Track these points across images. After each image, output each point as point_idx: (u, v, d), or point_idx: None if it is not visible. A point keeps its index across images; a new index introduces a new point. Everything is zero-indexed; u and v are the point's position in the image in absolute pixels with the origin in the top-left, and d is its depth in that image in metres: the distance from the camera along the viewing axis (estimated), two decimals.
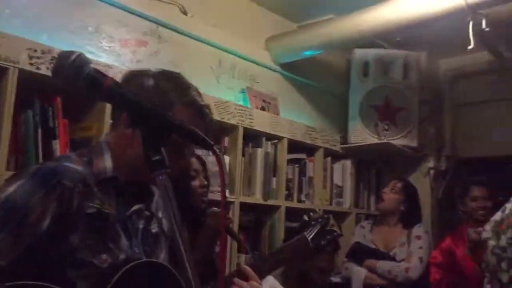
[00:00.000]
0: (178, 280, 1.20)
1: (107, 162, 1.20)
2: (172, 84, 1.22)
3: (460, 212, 3.08)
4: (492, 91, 3.81)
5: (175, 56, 2.69)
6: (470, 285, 2.73)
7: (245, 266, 1.47)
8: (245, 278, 1.41)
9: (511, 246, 1.23)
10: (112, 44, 2.45)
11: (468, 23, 2.67)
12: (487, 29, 2.64)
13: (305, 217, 1.84)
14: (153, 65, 2.41)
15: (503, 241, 1.25)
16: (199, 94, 1.27)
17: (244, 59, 3.09)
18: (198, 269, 0.93)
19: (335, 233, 1.80)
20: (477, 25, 2.69)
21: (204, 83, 2.71)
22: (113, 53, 2.44)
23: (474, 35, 2.71)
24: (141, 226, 1.25)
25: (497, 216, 1.34)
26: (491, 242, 1.30)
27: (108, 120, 2.08)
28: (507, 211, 1.29)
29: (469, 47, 2.66)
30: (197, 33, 2.82)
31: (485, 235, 1.35)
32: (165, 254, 1.32)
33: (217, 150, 0.92)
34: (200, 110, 1.23)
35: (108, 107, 2.05)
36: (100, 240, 1.13)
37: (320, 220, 1.76)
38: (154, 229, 1.29)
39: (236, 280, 1.41)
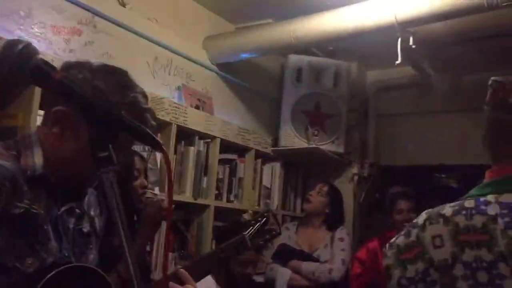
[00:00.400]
0: (107, 283, 1.17)
1: (37, 158, 1.10)
2: (111, 81, 1.12)
3: (389, 223, 3.24)
4: (413, 105, 4.06)
5: (111, 47, 2.61)
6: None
7: (181, 269, 1.43)
8: (180, 281, 1.38)
9: (422, 281, 1.12)
10: (44, 30, 2.33)
11: (397, 39, 2.84)
12: (413, 46, 2.82)
13: (244, 216, 1.83)
14: (87, 55, 2.36)
15: (411, 272, 1.13)
16: (144, 96, 1.17)
17: (181, 56, 3.06)
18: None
19: (273, 232, 1.80)
20: (404, 42, 2.86)
21: (139, 77, 2.62)
22: (44, 40, 2.33)
23: (401, 50, 2.88)
24: (71, 225, 1.18)
25: (400, 240, 1.19)
26: (396, 272, 1.16)
27: (36, 108, 2.00)
28: (412, 237, 1.16)
29: (397, 62, 2.81)
30: (134, 26, 2.76)
31: (387, 261, 1.19)
32: (96, 254, 1.27)
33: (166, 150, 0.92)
34: (140, 114, 1.14)
35: (37, 95, 1.96)
36: (27, 243, 1.05)
37: (260, 219, 1.77)
38: (86, 228, 1.23)
39: (171, 283, 1.37)
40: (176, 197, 2.79)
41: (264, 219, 1.77)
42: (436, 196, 4.56)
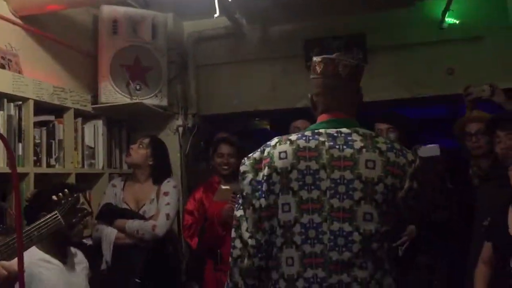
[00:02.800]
0: None
1: None
2: None
3: (211, 166, 3.40)
4: (229, 54, 4.22)
5: None
6: (215, 226, 3.14)
7: None
8: None
9: (266, 181, 1.58)
10: None
11: None
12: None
13: (54, 197, 1.92)
14: None
15: (260, 177, 1.60)
16: None
17: None
18: None
19: (85, 211, 1.99)
20: None
21: None
22: None
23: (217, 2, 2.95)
24: None
25: (256, 155, 1.65)
26: (249, 175, 1.62)
27: None
28: (265, 153, 1.62)
29: (216, 15, 2.88)
30: None
31: (244, 168, 1.64)
32: None
33: None
34: None
35: None
36: None
37: (70, 199, 1.89)
38: None
39: None
40: None
41: (75, 198, 1.90)
42: (252, 138, 4.93)
